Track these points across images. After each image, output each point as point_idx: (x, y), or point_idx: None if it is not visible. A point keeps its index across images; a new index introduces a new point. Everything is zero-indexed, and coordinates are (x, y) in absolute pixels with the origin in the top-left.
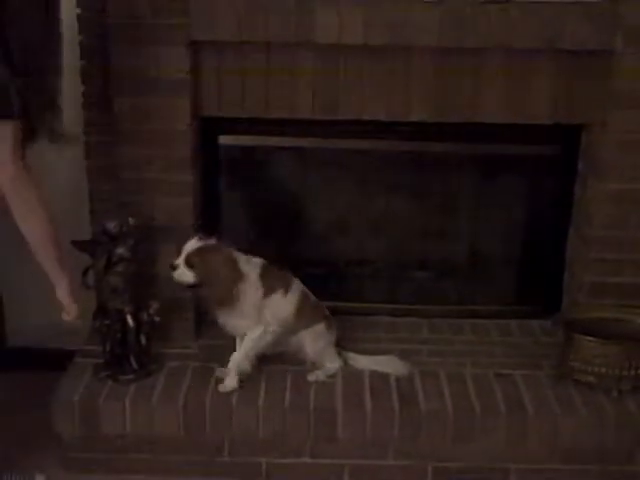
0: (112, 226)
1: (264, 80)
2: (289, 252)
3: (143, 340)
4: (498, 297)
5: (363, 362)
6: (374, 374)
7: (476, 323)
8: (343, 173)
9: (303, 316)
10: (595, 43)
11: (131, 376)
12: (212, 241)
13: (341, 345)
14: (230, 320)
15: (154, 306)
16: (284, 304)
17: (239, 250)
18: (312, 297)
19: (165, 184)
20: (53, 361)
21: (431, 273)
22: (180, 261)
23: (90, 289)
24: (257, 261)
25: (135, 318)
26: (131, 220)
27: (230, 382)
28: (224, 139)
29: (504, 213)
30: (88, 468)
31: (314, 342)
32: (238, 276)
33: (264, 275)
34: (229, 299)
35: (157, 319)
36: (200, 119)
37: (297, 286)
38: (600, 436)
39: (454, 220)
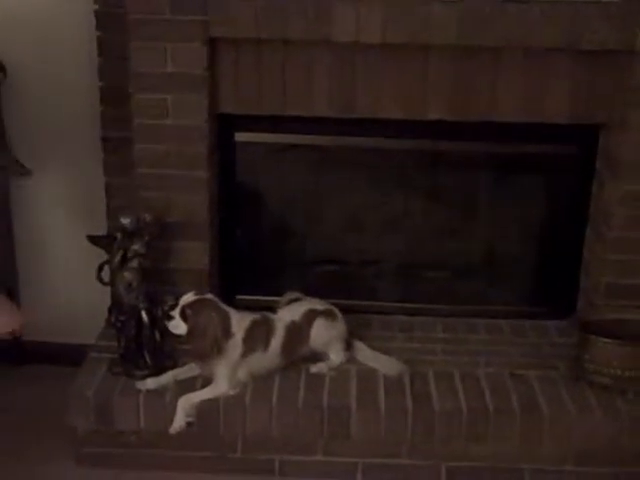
0: (128, 222)
1: (281, 77)
2: (304, 250)
3: (157, 336)
4: (513, 297)
5: (366, 355)
6: None
7: (491, 323)
8: (359, 171)
9: (288, 348)
10: (614, 42)
11: (145, 372)
12: (209, 296)
13: (356, 335)
14: (205, 370)
15: (169, 302)
16: (262, 360)
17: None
18: (299, 315)
19: (181, 180)
20: (68, 356)
21: (446, 272)
22: (175, 313)
23: (105, 284)
24: (247, 319)
25: (150, 314)
26: (147, 216)
27: (177, 422)
28: (240, 136)
29: (520, 212)
30: (102, 463)
31: (318, 335)
32: (225, 335)
33: (248, 336)
34: (211, 354)
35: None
36: (217, 116)
37: (280, 327)
38: (615, 438)
39: (470, 219)
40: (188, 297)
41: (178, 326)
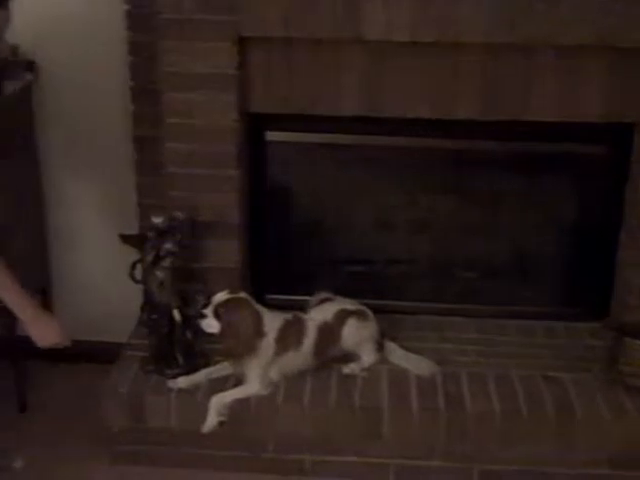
0: (160, 221)
1: (311, 76)
2: (334, 249)
3: (189, 335)
4: (545, 298)
5: (398, 355)
6: None
7: (523, 324)
8: (389, 170)
9: (320, 348)
10: None
11: (177, 370)
12: (242, 295)
13: (388, 336)
14: (237, 370)
15: (200, 301)
16: (294, 360)
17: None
18: (331, 315)
19: (211, 180)
20: (101, 354)
21: (478, 272)
22: (208, 311)
23: (138, 283)
24: (279, 319)
25: (182, 313)
26: (179, 215)
27: (210, 422)
28: (270, 135)
29: (553, 213)
30: (134, 460)
31: (349, 336)
32: (258, 333)
33: (281, 336)
34: (243, 354)
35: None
36: (247, 115)
37: (312, 327)
38: None
39: (501, 219)
40: (221, 296)
41: (211, 325)
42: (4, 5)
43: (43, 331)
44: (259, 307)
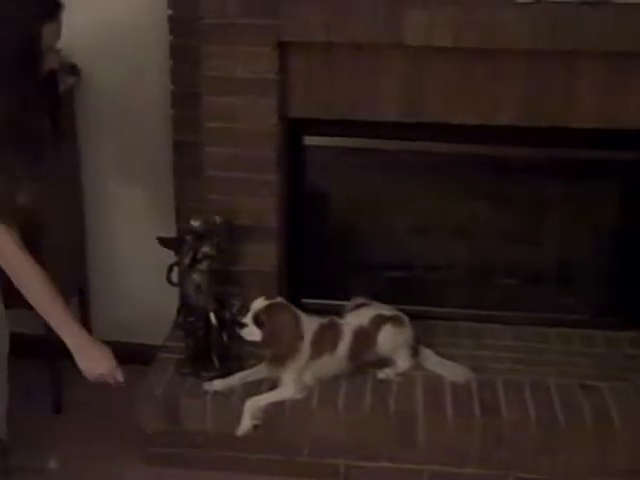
0: (198, 224)
1: (351, 81)
2: (371, 254)
3: (225, 338)
4: (585, 306)
5: (433, 361)
6: None
7: (561, 332)
8: (427, 176)
9: (355, 353)
10: None
11: (212, 373)
12: (279, 300)
13: (423, 342)
14: (273, 373)
15: (237, 305)
16: (329, 364)
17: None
18: (367, 320)
19: (250, 184)
20: (137, 356)
21: (516, 280)
22: (249, 319)
23: (174, 286)
24: (315, 322)
25: (218, 316)
26: (217, 218)
27: (245, 425)
28: (309, 140)
29: (594, 220)
30: (169, 462)
31: (385, 341)
32: (299, 337)
33: (316, 340)
34: (288, 358)
35: (239, 318)
36: (286, 119)
37: (347, 332)
38: None
39: (541, 226)
40: (260, 303)
41: (252, 333)
42: (56, 17)
43: (92, 362)
44: (297, 311)
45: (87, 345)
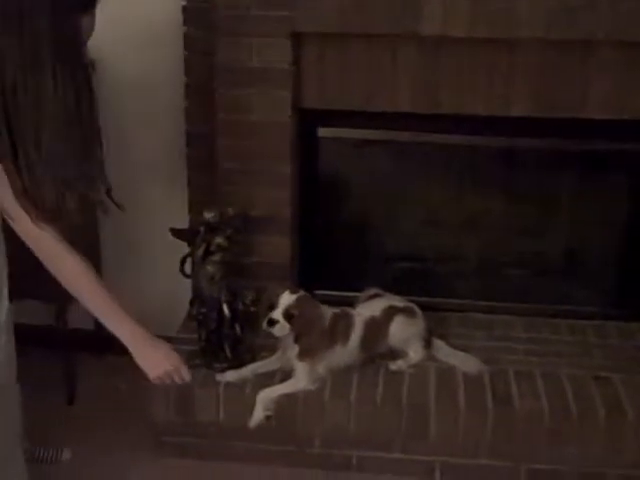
0: (211, 216)
1: (365, 72)
2: (383, 246)
3: (238, 329)
4: (596, 298)
5: (445, 352)
6: None
7: (573, 323)
8: (441, 168)
9: (367, 344)
10: None
11: (225, 365)
12: (302, 292)
13: (435, 333)
14: (285, 364)
15: (249, 296)
16: (341, 355)
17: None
18: (379, 311)
19: (264, 175)
20: None
21: (527, 271)
22: (279, 315)
23: (187, 277)
24: (327, 313)
25: (231, 307)
26: (230, 210)
27: (257, 416)
28: (323, 131)
29: (606, 211)
30: (181, 453)
31: (397, 332)
32: (325, 328)
33: (331, 330)
34: (319, 350)
35: (252, 309)
36: (300, 111)
37: (359, 322)
38: None
39: (552, 218)
40: (288, 297)
41: (284, 328)
42: (90, 11)
43: (154, 361)
44: (319, 302)
45: (147, 343)
